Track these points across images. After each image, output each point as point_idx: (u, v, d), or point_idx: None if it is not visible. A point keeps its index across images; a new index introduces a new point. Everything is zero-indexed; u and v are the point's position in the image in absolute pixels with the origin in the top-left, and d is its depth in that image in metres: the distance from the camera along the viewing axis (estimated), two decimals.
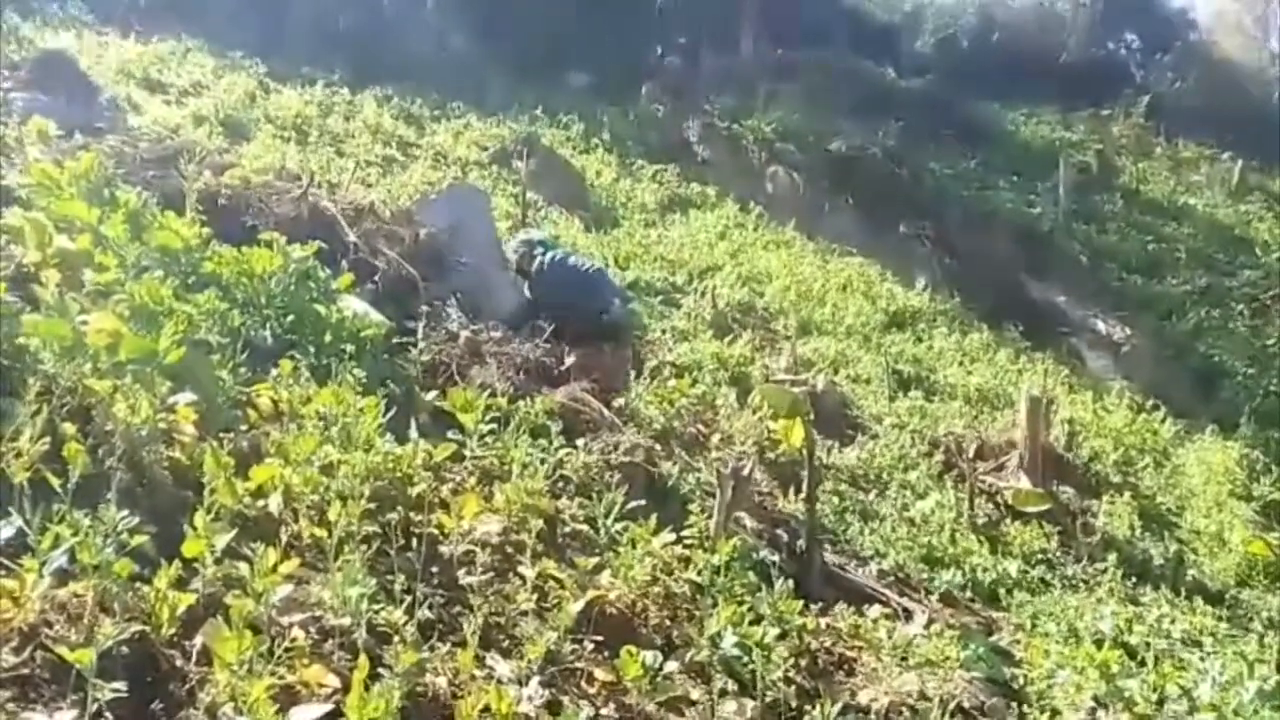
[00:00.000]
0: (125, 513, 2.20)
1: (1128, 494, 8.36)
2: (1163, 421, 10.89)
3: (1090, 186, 18.28)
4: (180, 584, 2.30)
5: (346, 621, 2.32)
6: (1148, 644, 5.67)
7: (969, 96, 20.60)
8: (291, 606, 2.34)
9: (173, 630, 2.15)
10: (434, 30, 17.04)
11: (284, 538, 2.79)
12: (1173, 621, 6.22)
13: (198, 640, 2.19)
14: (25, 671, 1.88)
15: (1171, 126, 21.36)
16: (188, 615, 2.21)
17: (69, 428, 2.51)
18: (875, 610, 4.36)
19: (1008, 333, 12.94)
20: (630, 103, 17.32)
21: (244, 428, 3.22)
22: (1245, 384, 13.27)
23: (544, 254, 6.39)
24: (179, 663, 2.13)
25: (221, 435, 2.98)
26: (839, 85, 19.30)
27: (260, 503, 2.86)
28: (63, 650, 1.83)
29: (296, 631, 2.24)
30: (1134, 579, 6.83)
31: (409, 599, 2.66)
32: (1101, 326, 13.95)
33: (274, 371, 3.71)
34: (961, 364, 10.99)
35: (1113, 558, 6.83)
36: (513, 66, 17.13)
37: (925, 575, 5.57)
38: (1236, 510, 8.96)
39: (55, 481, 2.20)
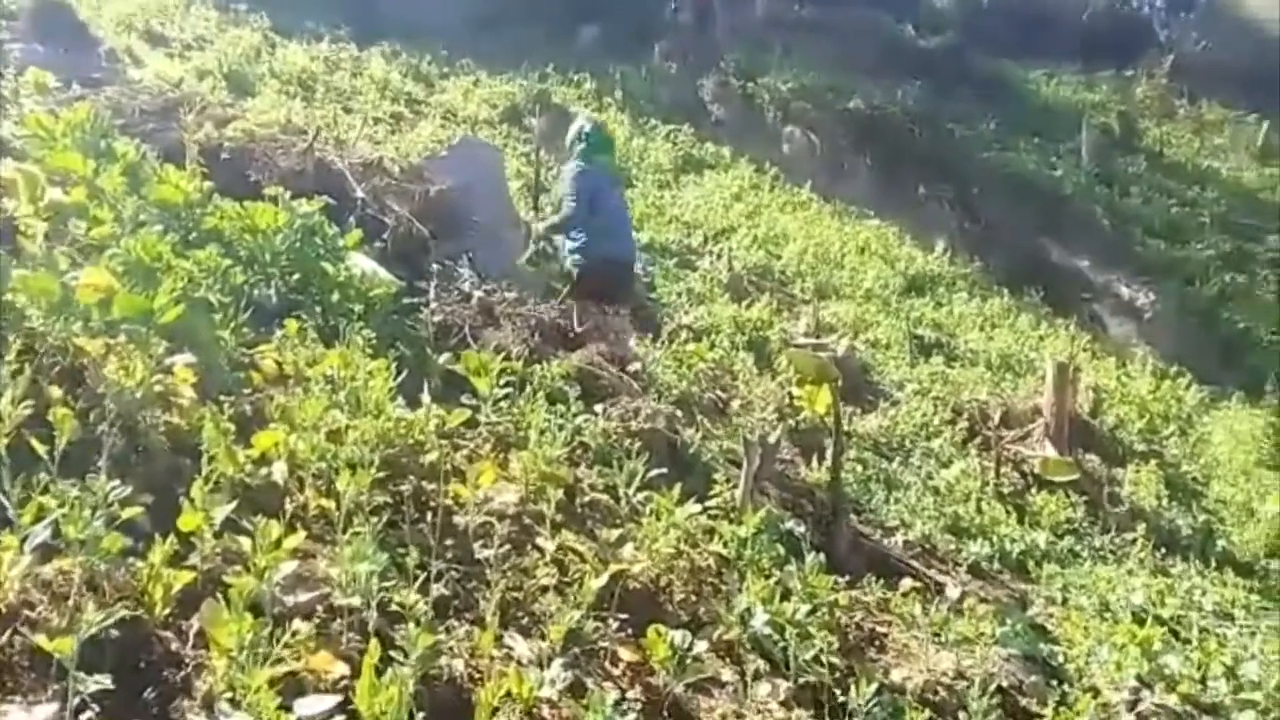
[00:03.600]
0: (116, 483, 2.03)
1: (1153, 462, 8.17)
2: (1187, 388, 10.67)
3: (1112, 149, 17.86)
4: (177, 560, 2.13)
5: (356, 601, 2.15)
6: (1179, 617, 5.53)
7: (989, 55, 20.09)
8: (296, 585, 2.17)
9: (167, 611, 1.98)
10: None
11: (289, 509, 2.62)
12: (1204, 594, 6.07)
13: (194, 622, 2.02)
14: (3, 658, 1.71)
15: (1195, 87, 20.82)
16: (184, 595, 2.04)
17: (55, 390, 2.33)
18: (905, 583, 4.18)
19: (1029, 298, 12.68)
20: (643, 60, 16.93)
21: (246, 391, 3.04)
22: (1271, 351, 13.00)
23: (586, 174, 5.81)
24: (174, 647, 1.96)
25: (222, 399, 2.80)
26: (856, 42, 18.84)
27: (263, 471, 2.69)
28: (41, 640, 1.66)
29: (301, 614, 2.07)
30: (1163, 550, 6.67)
31: (422, 575, 2.49)
32: (1124, 292, 13.66)
33: (278, 332, 3.54)
34: (982, 329, 10.76)
35: (1141, 528, 6.66)
36: (522, 21, 16.74)
37: (953, 546, 5.40)
38: (1264, 479, 8.77)
39: (40, 449, 2.02)
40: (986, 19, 21.59)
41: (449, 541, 2.86)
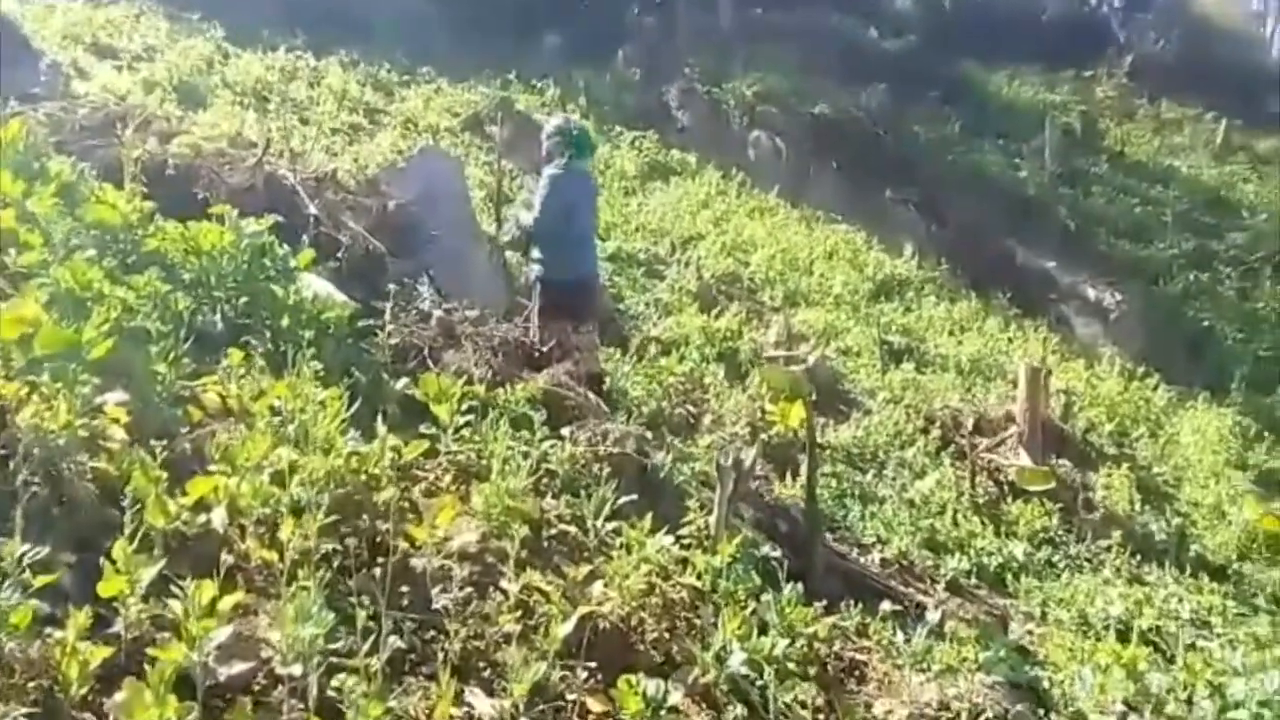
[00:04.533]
0: (27, 547, 1.84)
1: (1125, 466, 8.14)
2: (1155, 389, 10.70)
3: (1075, 149, 17.97)
4: (99, 628, 1.94)
5: (298, 670, 1.97)
6: (1158, 628, 5.47)
7: (951, 57, 20.15)
8: (233, 653, 1.99)
9: (85, 690, 1.80)
10: None
11: (229, 560, 2.43)
12: (1180, 601, 6.01)
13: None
14: None
15: (1154, 87, 21.03)
16: (106, 669, 1.86)
17: None
18: (884, 606, 4.05)
19: (996, 300, 12.68)
20: (607, 66, 16.79)
21: (185, 429, 2.84)
22: (1235, 348, 13.10)
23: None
24: None
25: (156, 441, 2.60)
26: (819, 46, 18.79)
27: (201, 519, 2.50)
28: None
29: (238, 687, 1.89)
30: (1138, 556, 6.62)
31: (375, 629, 2.32)
32: (1090, 292, 13.70)
33: (224, 361, 3.34)
34: (952, 333, 10.72)
35: (1116, 535, 6.61)
36: (485, 28, 16.54)
37: (930, 562, 5.29)
38: (1234, 480, 8.78)
39: None
40: (947, 22, 21.66)
41: (405, 588, 2.69)
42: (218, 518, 2.45)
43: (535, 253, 5.40)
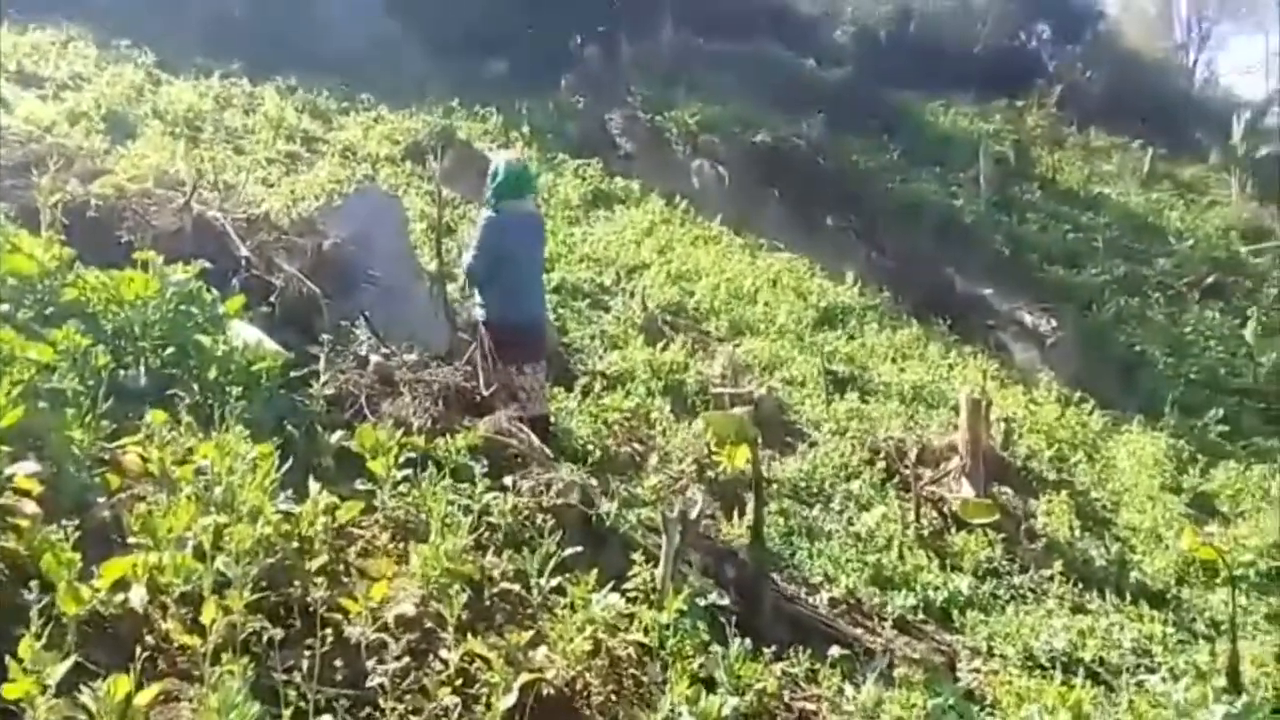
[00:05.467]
0: None
1: (1064, 492, 8.28)
2: (1091, 413, 10.92)
3: (1009, 177, 18.39)
4: None
5: None
6: (1101, 659, 5.54)
7: (888, 87, 20.57)
8: None
9: None
10: (342, 16, 16.19)
11: (150, 642, 2.31)
12: (1121, 629, 6.10)
13: None
14: None
15: (1083, 116, 21.71)
16: None
17: None
18: (834, 650, 4.01)
19: (936, 326, 12.86)
20: (550, 93, 16.77)
21: (102, 499, 2.70)
22: (1166, 372, 13.46)
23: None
24: None
25: (69, 518, 2.45)
26: (761, 75, 19.03)
27: (120, 596, 2.36)
28: None
29: None
30: (1079, 584, 6.71)
31: (305, 711, 2.21)
32: (1027, 318, 13.97)
33: (147, 417, 3.19)
34: (894, 361, 10.83)
35: (1057, 564, 6.69)
36: (426, 54, 16.42)
37: (877, 599, 5.28)
38: (1169, 504, 8.97)
39: None
40: (884, 52, 22.11)
41: (338, 661, 2.58)
42: (136, 597, 2.32)
43: (477, 295, 5.29)
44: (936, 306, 13.37)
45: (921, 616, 5.44)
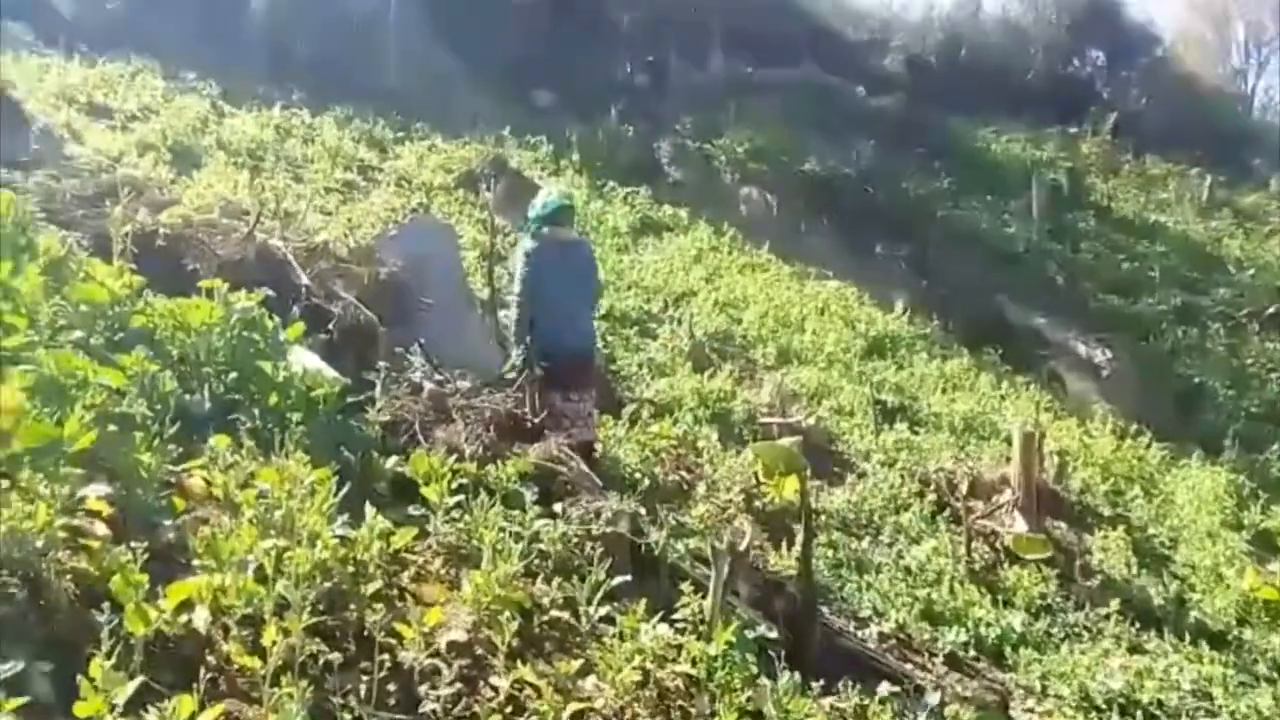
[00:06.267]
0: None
1: (1120, 528, 8.08)
2: (1148, 447, 10.67)
3: (1062, 205, 18.17)
4: None
5: None
6: (1160, 701, 5.39)
7: (938, 114, 20.48)
8: None
9: None
10: (397, 49, 16.58)
11: (212, 663, 2.37)
12: (1180, 671, 5.93)
13: None
14: None
15: (1139, 143, 21.39)
16: None
17: None
18: (883, 687, 3.96)
19: (988, 356, 12.69)
20: (599, 122, 16.97)
21: (168, 522, 2.78)
22: (1226, 405, 13.12)
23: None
24: None
25: (139, 539, 2.53)
26: (809, 103, 19.10)
27: (184, 618, 2.43)
28: None
29: None
30: (1136, 623, 6.54)
31: None
32: (1081, 349, 13.74)
33: (211, 440, 3.28)
34: (944, 391, 10.70)
35: (1114, 603, 6.53)
36: (478, 85, 16.74)
37: (928, 635, 5.21)
38: (1230, 541, 8.72)
39: None
40: (934, 79, 22.04)
41: (392, 686, 2.62)
42: (200, 618, 2.38)
43: (520, 322, 5.35)
44: (988, 336, 13.20)
45: (973, 653, 5.35)
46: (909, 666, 4.65)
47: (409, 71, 16.02)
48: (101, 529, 2.51)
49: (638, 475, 5.64)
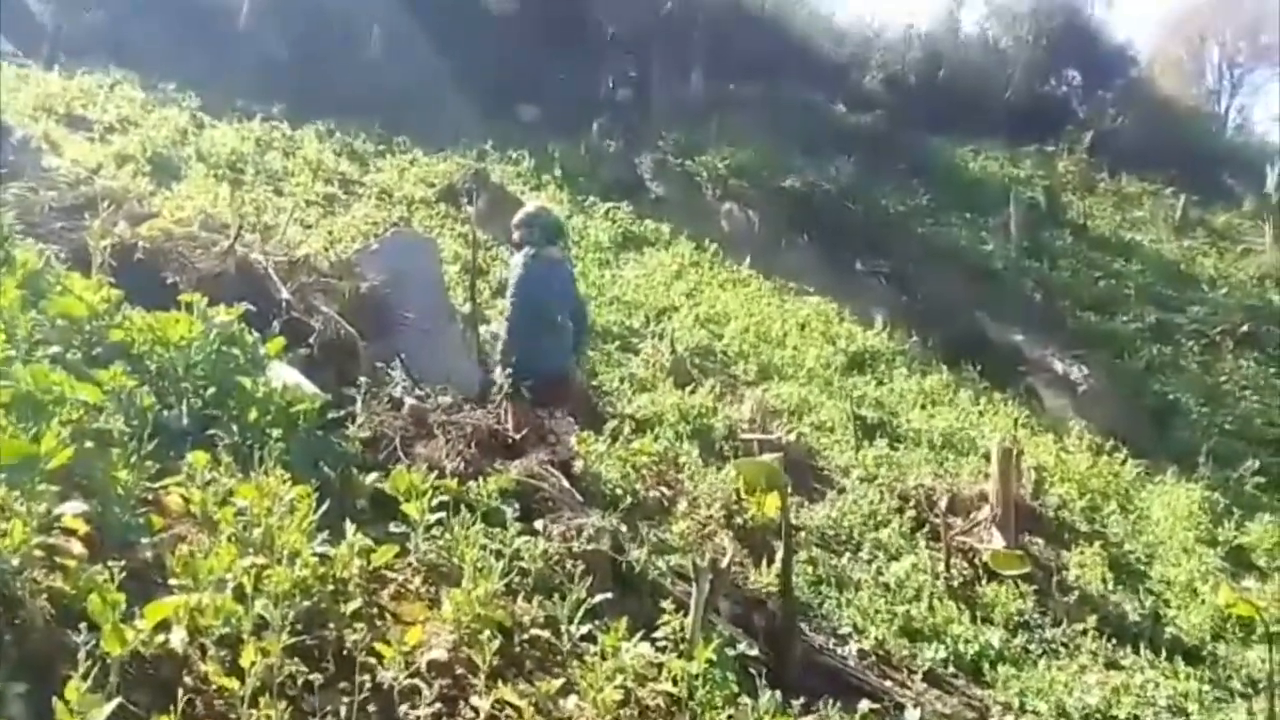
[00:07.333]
0: None
1: (1097, 544, 8.15)
2: (1123, 463, 10.77)
3: (1040, 223, 18.36)
4: None
5: None
6: (1136, 717, 5.43)
7: (918, 132, 20.69)
8: None
9: None
10: (379, 62, 16.57)
11: (189, 683, 2.34)
12: (1156, 686, 5.98)
13: None
14: None
15: (1114, 162, 21.66)
16: None
17: None
18: (863, 705, 3.97)
19: (966, 373, 12.79)
20: (581, 137, 17.03)
21: (145, 539, 2.75)
22: (1200, 422, 13.27)
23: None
24: None
25: (115, 557, 2.50)
26: (790, 120, 19.24)
27: (161, 637, 2.40)
28: None
29: None
30: (1112, 639, 6.59)
31: None
32: (1058, 366, 13.87)
33: (189, 457, 3.25)
34: (924, 407, 10.77)
35: (1091, 619, 6.58)
36: (461, 99, 16.76)
37: (907, 651, 5.22)
38: (1205, 557, 8.81)
39: None
40: (914, 97, 22.25)
41: (372, 706, 2.60)
42: (177, 639, 2.35)
43: (507, 340, 5.37)
44: (967, 352, 13.30)
45: (952, 670, 5.37)
46: (888, 683, 4.67)
47: (391, 85, 16.00)
48: (78, 547, 2.48)
49: (619, 491, 5.62)
